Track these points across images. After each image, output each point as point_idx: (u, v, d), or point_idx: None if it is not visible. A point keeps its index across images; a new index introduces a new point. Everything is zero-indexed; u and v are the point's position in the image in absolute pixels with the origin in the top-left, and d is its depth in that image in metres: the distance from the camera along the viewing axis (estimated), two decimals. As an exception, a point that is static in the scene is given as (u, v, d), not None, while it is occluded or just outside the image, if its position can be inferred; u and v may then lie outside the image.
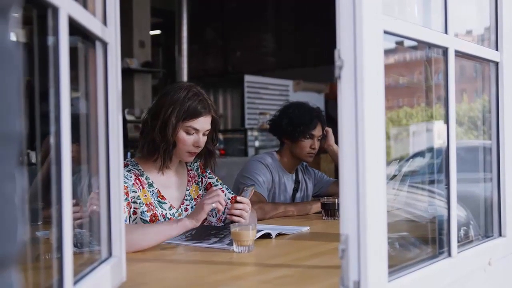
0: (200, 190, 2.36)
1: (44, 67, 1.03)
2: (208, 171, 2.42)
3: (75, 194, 1.07)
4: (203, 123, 2.19)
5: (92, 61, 1.34)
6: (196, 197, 2.33)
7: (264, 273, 1.61)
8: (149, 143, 2.17)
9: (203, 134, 2.21)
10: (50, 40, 1.02)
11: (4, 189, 0.53)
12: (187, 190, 2.32)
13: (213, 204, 1.97)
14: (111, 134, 1.36)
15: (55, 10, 0.99)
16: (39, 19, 1.05)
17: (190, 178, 2.35)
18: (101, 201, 1.36)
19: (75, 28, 1.11)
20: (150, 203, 2.15)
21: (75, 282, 1.09)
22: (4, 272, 0.55)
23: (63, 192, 1.01)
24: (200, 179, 2.38)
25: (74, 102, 1.10)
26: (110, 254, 1.37)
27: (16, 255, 0.57)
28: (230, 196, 2.36)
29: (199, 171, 2.40)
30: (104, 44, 1.34)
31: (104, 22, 1.34)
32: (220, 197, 1.99)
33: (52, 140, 1.00)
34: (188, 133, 2.17)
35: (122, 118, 1.41)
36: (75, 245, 1.13)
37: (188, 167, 2.38)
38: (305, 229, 2.33)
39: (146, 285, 1.50)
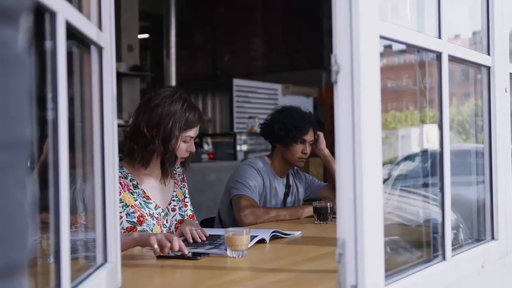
0: (182, 195, 2.45)
1: (40, 71, 1.02)
2: (185, 182, 2.50)
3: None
4: (197, 130, 2.31)
5: (86, 65, 1.34)
6: (180, 199, 2.42)
7: (260, 277, 1.61)
8: (149, 154, 2.22)
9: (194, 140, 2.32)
10: (47, 44, 1.01)
11: (15, 196, 0.53)
12: (174, 191, 2.39)
13: (155, 246, 1.81)
14: (106, 139, 1.35)
15: (53, 15, 0.99)
16: (35, 23, 1.04)
17: (176, 181, 2.43)
18: (96, 207, 1.36)
19: (71, 33, 1.11)
20: (135, 204, 2.20)
21: (72, 289, 1.09)
22: (15, 278, 0.54)
23: (61, 198, 1.00)
24: (182, 185, 2.47)
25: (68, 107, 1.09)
26: (105, 259, 1.36)
27: (27, 261, 0.57)
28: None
29: (180, 177, 2.47)
30: (100, 49, 1.34)
31: (99, 26, 1.34)
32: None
33: (49, 145, 1.00)
34: (184, 142, 2.26)
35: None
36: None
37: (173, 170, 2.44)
38: (298, 233, 2.33)
39: (141, 291, 1.49)
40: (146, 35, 10.26)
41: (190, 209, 2.47)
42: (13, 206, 0.53)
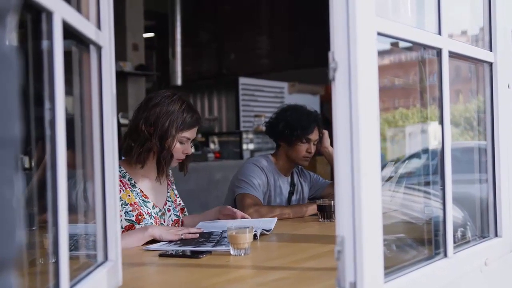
0: (175, 196, 2.49)
1: (37, 71, 1.03)
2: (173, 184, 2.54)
3: (70, 199, 1.06)
4: (195, 132, 2.34)
5: (86, 65, 1.34)
6: (173, 200, 2.46)
7: (261, 275, 1.61)
8: (146, 152, 2.26)
9: (191, 142, 2.35)
10: (44, 44, 1.02)
11: (3, 193, 0.54)
12: (168, 192, 2.44)
13: (182, 236, 2.11)
14: (106, 139, 1.36)
15: (49, 14, 0.99)
16: (33, 22, 1.05)
17: (169, 182, 2.48)
18: (96, 206, 1.36)
19: (69, 32, 1.11)
20: (134, 202, 2.24)
21: (72, 286, 1.09)
22: (4, 274, 0.55)
23: (59, 197, 1.00)
24: (173, 187, 2.51)
25: (67, 107, 1.09)
26: (106, 258, 1.36)
27: (15, 258, 0.57)
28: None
29: (172, 179, 2.52)
30: (99, 48, 1.34)
31: (98, 26, 1.34)
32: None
33: (47, 144, 1.00)
34: (181, 142, 2.30)
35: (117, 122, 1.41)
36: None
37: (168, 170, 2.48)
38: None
39: (142, 289, 1.50)
40: (151, 34, 10.27)
41: (175, 214, 2.46)
42: (1, 203, 0.54)
